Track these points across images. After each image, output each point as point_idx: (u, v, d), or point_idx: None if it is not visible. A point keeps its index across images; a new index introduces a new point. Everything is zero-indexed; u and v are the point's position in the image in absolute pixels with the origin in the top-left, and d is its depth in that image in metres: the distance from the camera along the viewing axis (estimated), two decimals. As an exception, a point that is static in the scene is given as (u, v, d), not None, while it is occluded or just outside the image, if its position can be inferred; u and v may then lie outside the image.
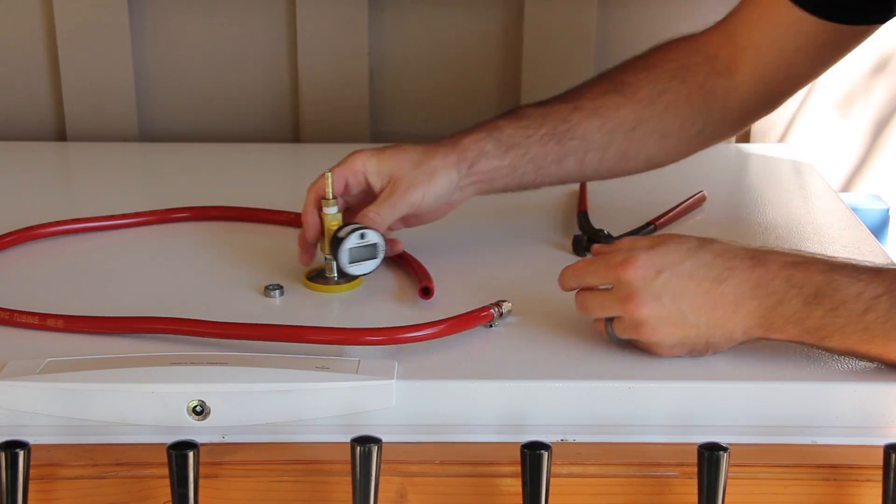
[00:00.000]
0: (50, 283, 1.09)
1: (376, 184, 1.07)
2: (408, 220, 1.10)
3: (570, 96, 1.12)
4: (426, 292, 1.02)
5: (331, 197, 1.04)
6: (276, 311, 1.02)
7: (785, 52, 1.12)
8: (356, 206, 1.09)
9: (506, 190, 1.11)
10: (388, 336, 0.91)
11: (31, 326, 0.96)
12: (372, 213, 1.04)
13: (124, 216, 1.24)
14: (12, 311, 0.97)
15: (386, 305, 1.04)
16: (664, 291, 0.87)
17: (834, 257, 0.88)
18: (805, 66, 1.14)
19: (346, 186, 1.08)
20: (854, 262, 0.87)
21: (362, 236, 1.02)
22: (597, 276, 0.91)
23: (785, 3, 1.10)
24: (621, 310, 0.89)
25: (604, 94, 1.11)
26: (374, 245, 1.03)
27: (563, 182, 1.14)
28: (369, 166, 1.07)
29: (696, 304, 0.87)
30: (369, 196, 1.08)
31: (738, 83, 1.14)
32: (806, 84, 1.18)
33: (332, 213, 1.04)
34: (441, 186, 1.06)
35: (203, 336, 0.94)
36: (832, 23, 1.09)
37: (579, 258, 1.14)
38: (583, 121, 1.10)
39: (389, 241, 1.07)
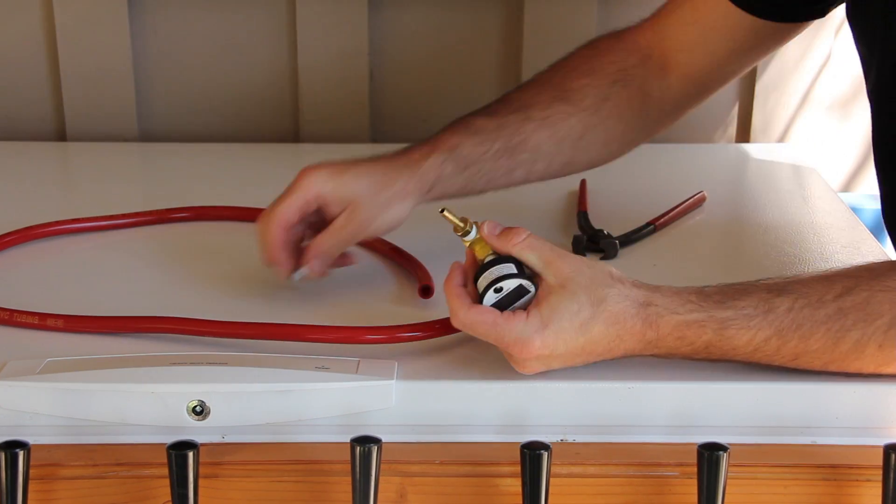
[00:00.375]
0: (50, 283, 1.09)
1: (333, 209, 1.02)
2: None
3: (518, 104, 1.11)
4: (426, 291, 1.02)
5: (462, 228, 0.91)
6: (276, 310, 1.02)
7: (718, 52, 1.13)
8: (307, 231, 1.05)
9: (455, 196, 1.09)
10: (389, 335, 0.91)
11: (31, 326, 0.96)
12: (325, 245, 1.01)
13: (125, 216, 1.24)
14: (12, 311, 0.97)
15: (386, 305, 1.04)
16: (556, 362, 0.87)
17: (727, 292, 0.87)
18: (736, 63, 1.16)
19: (302, 213, 1.02)
20: (746, 303, 0.86)
21: (498, 291, 0.88)
22: (488, 340, 0.87)
23: (721, 2, 1.10)
24: (508, 358, 0.88)
25: (552, 104, 1.10)
26: (516, 290, 0.88)
27: (504, 188, 1.12)
28: (327, 190, 1.01)
29: (584, 363, 0.88)
30: (320, 218, 1.04)
31: (671, 83, 1.15)
32: (734, 78, 1.19)
33: (472, 238, 0.91)
34: (396, 216, 1.03)
35: (202, 335, 0.94)
36: (767, 21, 1.10)
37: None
38: (534, 132, 1.09)
39: (340, 257, 1.04)
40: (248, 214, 1.26)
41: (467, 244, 0.91)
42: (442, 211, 0.91)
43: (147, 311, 0.97)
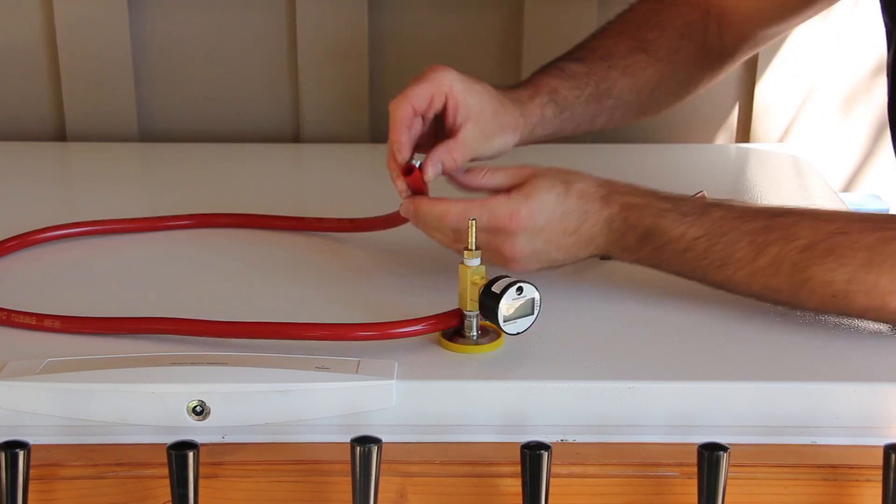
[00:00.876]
0: (55, 287, 1.09)
1: (453, 112, 1.03)
2: None
3: (601, 52, 1.16)
4: (410, 170, 1.00)
5: (474, 248, 0.92)
6: (276, 309, 1.02)
7: (770, 11, 1.19)
8: (422, 132, 1.05)
9: (535, 142, 1.14)
10: (380, 331, 0.91)
11: (29, 327, 0.96)
12: (455, 154, 1.02)
13: (145, 220, 1.23)
14: (10, 312, 0.97)
15: (386, 303, 1.03)
16: (539, 238, 0.97)
17: (671, 196, 0.99)
18: (786, 20, 1.21)
19: (430, 104, 1.03)
20: (685, 204, 0.97)
21: (520, 290, 0.90)
22: (480, 220, 0.96)
23: None
24: (497, 246, 0.97)
25: (631, 53, 1.16)
26: (532, 300, 0.91)
27: (580, 133, 1.17)
28: (458, 90, 1.03)
29: (560, 245, 0.98)
30: (436, 121, 1.05)
31: (726, 39, 1.20)
32: (782, 34, 1.26)
33: (475, 265, 0.92)
34: (504, 144, 1.07)
35: (193, 334, 0.93)
36: None
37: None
38: (618, 80, 1.15)
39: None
40: (250, 221, 1.25)
41: (468, 270, 0.92)
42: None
43: (151, 312, 0.97)
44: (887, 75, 1.11)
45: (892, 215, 0.95)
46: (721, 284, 0.97)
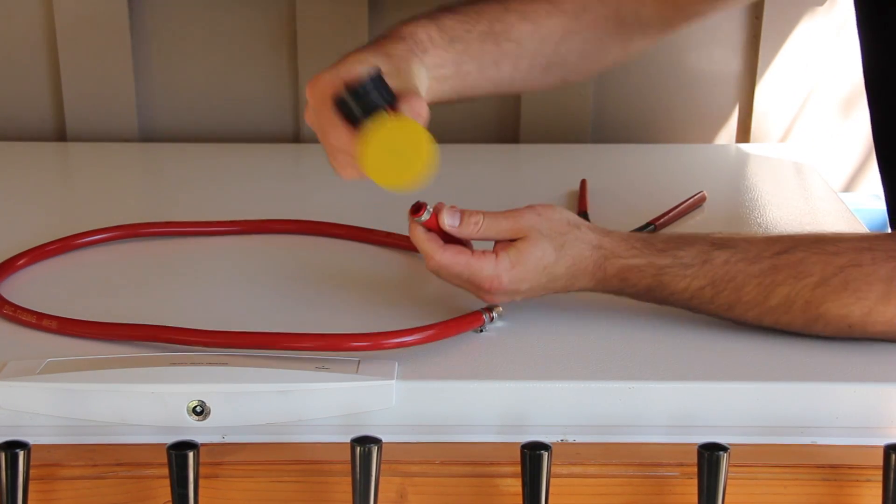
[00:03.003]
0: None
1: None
2: None
3: None
4: (417, 209, 0.97)
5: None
6: (279, 316, 1.02)
7: None
8: None
9: (451, 95, 1.06)
10: (374, 342, 0.90)
11: (30, 325, 0.96)
12: (413, 92, 0.95)
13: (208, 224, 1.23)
14: (16, 307, 0.98)
15: (386, 311, 1.03)
16: (520, 295, 0.95)
17: (669, 243, 0.95)
18: (708, 5, 1.15)
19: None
20: (685, 253, 0.94)
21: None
22: (461, 278, 0.94)
23: None
24: (475, 293, 0.96)
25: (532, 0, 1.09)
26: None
27: (496, 90, 1.10)
28: (371, 62, 0.97)
29: (545, 293, 0.96)
30: None
31: (642, 13, 1.13)
32: (708, 16, 1.17)
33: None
34: (421, 71, 0.99)
35: (184, 344, 0.92)
36: None
37: None
38: (516, 23, 1.08)
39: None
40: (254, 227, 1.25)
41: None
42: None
43: (162, 317, 0.96)
44: (869, 100, 1.08)
45: None
46: (731, 321, 0.95)
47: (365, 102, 0.90)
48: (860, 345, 0.93)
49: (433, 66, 1.02)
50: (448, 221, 0.94)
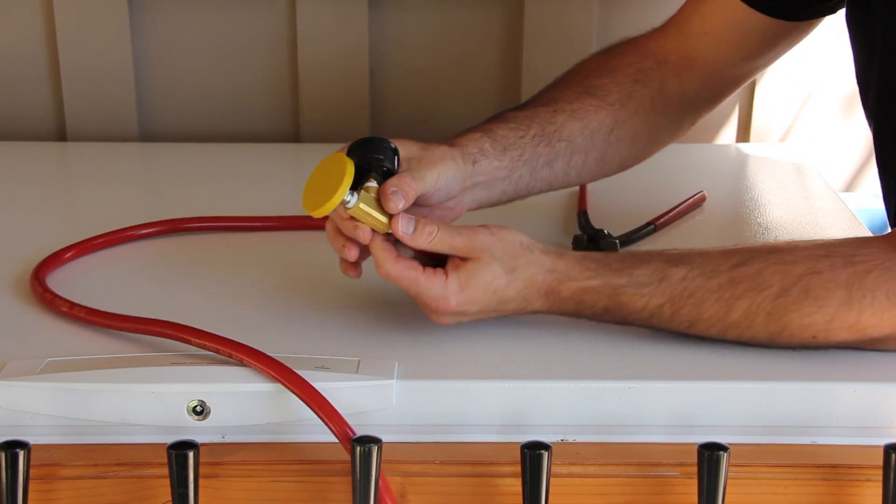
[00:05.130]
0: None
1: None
2: (420, 208, 1.03)
3: (545, 99, 1.12)
4: None
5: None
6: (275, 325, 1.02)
7: (732, 56, 1.15)
8: None
9: (502, 198, 1.09)
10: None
11: (64, 314, 0.98)
12: (406, 178, 0.96)
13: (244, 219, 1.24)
14: (55, 296, 0.99)
15: (385, 315, 1.03)
16: (465, 319, 0.94)
17: (626, 262, 0.93)
18: (750, 65, 1.17)
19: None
20: (641, 272, 0.92)
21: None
22: (409, 292, 0.93)
23: (735, 9, 1.11)
24: (423, 310, 0.93)
25: (579, 97, 1.12)
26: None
27: (550, 187, 1.13)
28: (406, 145, 1.00)
29: (496, 316, 0.94)
30: None
31: (687, 87, 1.16)
32: (749, 80, 1.20)
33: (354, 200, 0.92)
34: (451, 170, 1.01)
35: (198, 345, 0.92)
36: (779, 20, 1.11)
37: None
38: (566, 123, 1.10)
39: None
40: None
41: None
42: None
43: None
44: (868, 112, 1.07)
45: (856, 241, 0.93)
46: (693, 336, 0.94)
47: (362, 151, 0.95)
48: (860, 345, 0.93)
49: (483, 174, 1.05)
50: (402, 228, 0.92)
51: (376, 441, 0.78)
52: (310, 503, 0.85)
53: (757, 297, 0.90)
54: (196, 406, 0.86)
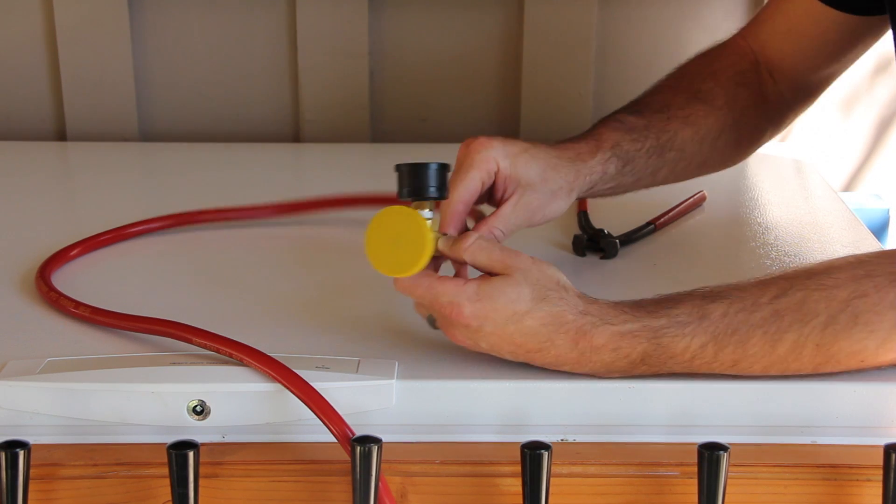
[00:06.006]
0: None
1: (501, 187, 0.99)
2: None
3: (658, 104, 1.11)
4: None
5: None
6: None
7: (816, 56, 1.15)
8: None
9: (595, 195, 1.10)
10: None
11: (70, 313, 0.98)
12: (497, 231, 0.97)
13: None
14: (59, 295, 0.99)
15: (385, 312, 1.03)
16: (481, 340, 0.88)
17: (661, 303, 0.88)
18: (836, 63, 1.17)
19: (481, 188, 0.98)
20: (680, 311, 0.86)
21: None
22: (423, 305, 0.90)
23: (813, 6, 1.11)
24: (440, 322, 0.90)
25: (689, 103, 1.12)
26: None
27: (646, 188, 1.13)
28: (504, 166, 0.98)
29: (513, 357, 0.88)
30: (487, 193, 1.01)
31: (780, 88, 1.17)
32: (840, 75, 1.20)
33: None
34: (559, 208, 1.02)
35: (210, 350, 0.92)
36: (857, 16, 1.11)
37: (579, 257, 1.16)
38: (679, 131, 1.10)
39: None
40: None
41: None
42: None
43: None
44: None
45: (891, 257, 0.89)
46: (732, 377, 0.88)
47: (412, 180, 0.90)
48: (860, 345, 0.93)
49: (592, 192, 1.05)
50: (441, 245, 0.90)
51: (376, 441, 0.78)
52: (310, 503, 0.85)
53: (804, 329, 0.85)
54: (196, 406, 0.86)
